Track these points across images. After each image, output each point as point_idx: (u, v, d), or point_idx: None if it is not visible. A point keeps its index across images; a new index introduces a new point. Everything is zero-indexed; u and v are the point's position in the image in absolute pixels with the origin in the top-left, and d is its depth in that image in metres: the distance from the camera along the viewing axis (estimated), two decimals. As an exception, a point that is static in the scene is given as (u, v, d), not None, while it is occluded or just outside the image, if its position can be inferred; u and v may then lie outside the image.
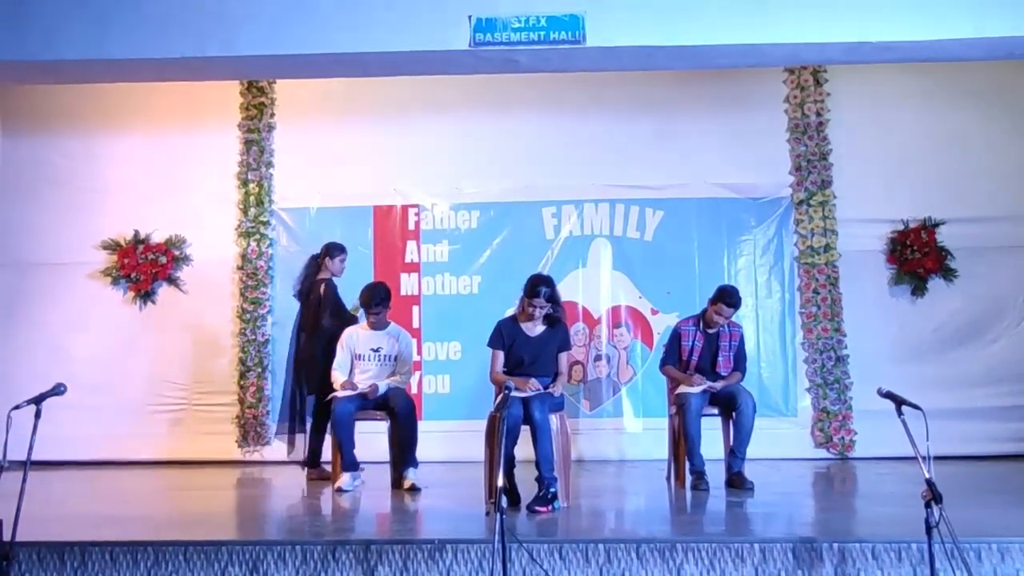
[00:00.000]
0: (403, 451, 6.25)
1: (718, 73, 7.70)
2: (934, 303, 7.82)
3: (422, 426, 6.58)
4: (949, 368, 7.65)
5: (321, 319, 6.77)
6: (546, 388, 5.52)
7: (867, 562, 4.21)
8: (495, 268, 7.96)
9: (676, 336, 6.44)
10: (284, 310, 8.06)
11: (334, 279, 6.94)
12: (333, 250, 7.00)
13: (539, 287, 5.53)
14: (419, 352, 7.80)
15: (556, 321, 5.68)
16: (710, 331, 6.33)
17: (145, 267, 8.08)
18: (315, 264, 7.00)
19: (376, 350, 6.42)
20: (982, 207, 7.82)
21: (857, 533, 4.71)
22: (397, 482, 6.22)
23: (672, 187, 8.00)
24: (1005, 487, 6.37)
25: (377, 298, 6.37)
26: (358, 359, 6.42)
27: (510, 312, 5.91)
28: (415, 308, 8.02)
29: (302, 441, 6.96)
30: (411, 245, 8.11)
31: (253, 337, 8.02)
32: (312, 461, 6.86)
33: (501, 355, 5.61)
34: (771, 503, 5.68)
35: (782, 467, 7.12)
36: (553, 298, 5.60)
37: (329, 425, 6.33)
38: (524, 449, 5.45)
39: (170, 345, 8.09)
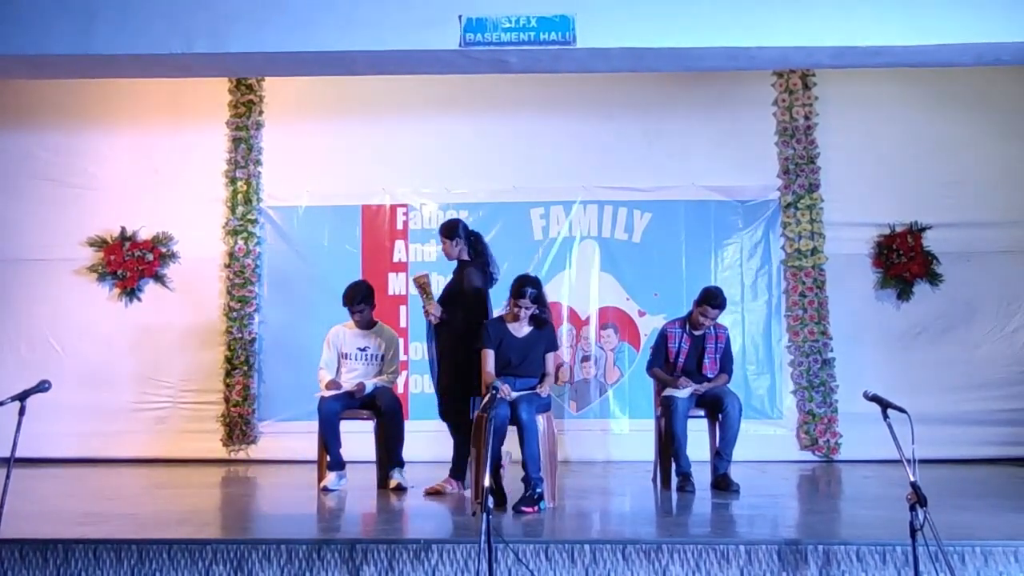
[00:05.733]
0: (389, 451, 6.24)
1: (707, 75, 7.71)
2: (919, 307, 7.86)
3: (408, 426, 6.54)
4: (934, 372, 7.68)
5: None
6: (533, 389, 5.52)
7: (852, 564, 4.22)
8: (483, 268, 7.94)
9: (662, 338, 6.45)
10: (271, 308, 8.07)
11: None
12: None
13: (525, 287, 5.54)
14: (406, 352, 7.79)
15: (543, 322, 5.68)
16: (696, 333, 6.34)
17: (131, 264, 8.04)
18: None
19: (363, 349, 6.41)
20: (968, 212, 7.86)
21: (842, 535, 4.72)
22: (383, 482, 6.21)
23: (660, 189, 8.01)
24: (989, 490, 6.41)
25: (359, 296, 6.35)
26: (344, 358, 6.41)
27: (497, 312, 5.90)
28: (402, 308, 8.00)
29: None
30: (399, 245, 8.10)
31: (240, 335, 7.98)
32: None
33: (492, 354, 5.59)
34: (756, 505, 5.69)
35: (768, 469, 7.14)
36: (539, 299, 5.60)
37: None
38: (511, 449, 5.44)
39: (156, 343, 8.05)
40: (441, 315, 5.91)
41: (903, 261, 7.81)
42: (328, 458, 6.16)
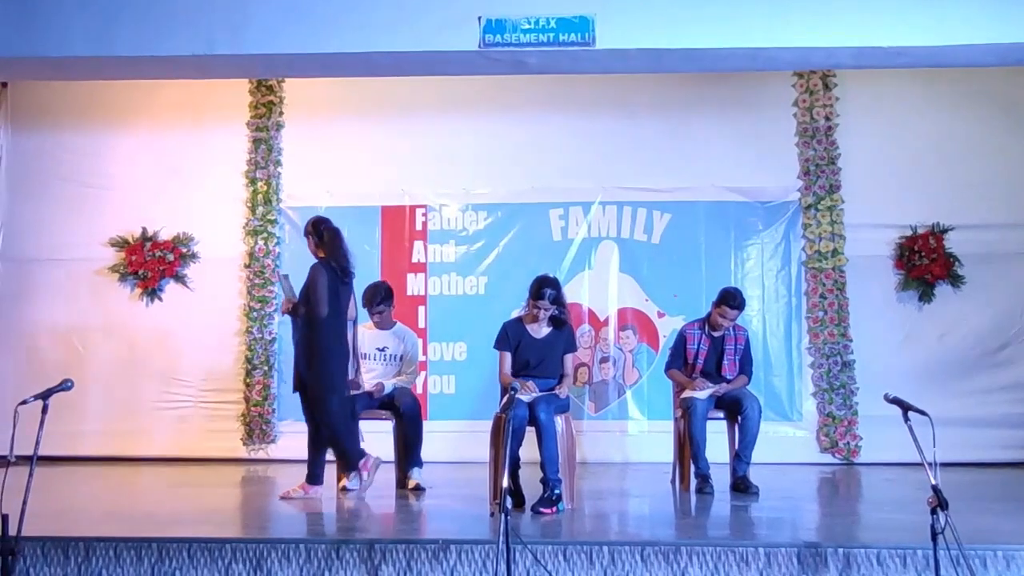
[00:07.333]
0: (408, 451, 6.26)
1: (727, 76, 7.69)
2: (941, 309, 7.80)
3: (427, 426, 6.56)
4: (956, 374, 7.63)
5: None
6: (552, 390, 5.52)
7: (872, 568, 4.20)
8: (502, 269, 7.96)
9: (682, 339, 6.43)
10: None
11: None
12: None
13: (544, 289, 5.53)
14: (425, 352, 7.79)
15: (562, 323, 5.67)
16: (715, 334, 6.31)
17: (152, 264, 8.09)
18: None
19: (382, 349, 6.42)
20: (991, 213, 7.79)
21: (862, 538, 4.68)
22: (402, 482, 6.23)
23: (680, 190, 8.00)
24: (1011, 494, 6.37)
25: (378, 297, 6.37)
26: (364, 358, 6.42)
27: (516, 313, 5.91)
28: (421, 308, 8.02)
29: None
30: (418, 245, 8.11)
31: (260, 335, 8.02)
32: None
33: (509, 356, 5.60)
34: (776, 507, 5.67)
35: (787, 472, 7.11)
36: (558, 300, 5.59)
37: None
38: (529, 450, 5.45)
39: (176, 343, 8.10)
40: (287, 311, 5.89)
41: (925, 263, 7.75)
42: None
